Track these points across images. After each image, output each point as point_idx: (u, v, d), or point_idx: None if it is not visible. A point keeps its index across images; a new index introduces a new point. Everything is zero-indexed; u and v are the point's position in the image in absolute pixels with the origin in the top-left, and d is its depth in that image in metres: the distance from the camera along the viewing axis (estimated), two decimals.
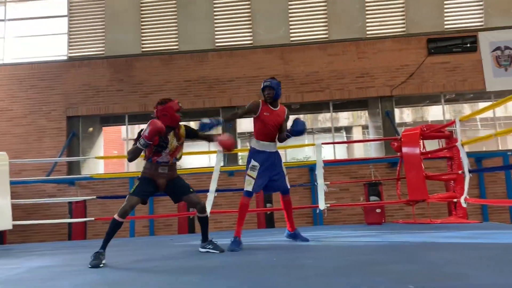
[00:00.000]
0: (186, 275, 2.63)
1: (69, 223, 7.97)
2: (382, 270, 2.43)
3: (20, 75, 11.08)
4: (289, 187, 4.30)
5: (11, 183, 6.51)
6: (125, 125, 11.32)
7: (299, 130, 4.02)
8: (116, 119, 11.61)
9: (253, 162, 4.08)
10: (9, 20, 11.57)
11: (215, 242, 3.83)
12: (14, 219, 6.24)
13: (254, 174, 4.03)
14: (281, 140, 4.23)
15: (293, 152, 14.97)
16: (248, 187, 4.04)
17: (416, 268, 2.43)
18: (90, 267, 3.12)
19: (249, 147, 4.28)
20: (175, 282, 2.42)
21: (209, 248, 3.79)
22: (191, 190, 3.78)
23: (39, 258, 4.28)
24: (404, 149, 6.46)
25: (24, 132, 10.76)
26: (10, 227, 6.16)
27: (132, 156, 3.56)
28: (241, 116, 4.35)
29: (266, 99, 4.18)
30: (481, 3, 10.94)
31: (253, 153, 4.15)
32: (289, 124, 4.29)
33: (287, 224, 4.45)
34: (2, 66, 11.19)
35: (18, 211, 8.70)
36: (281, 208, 4.57)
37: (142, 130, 3.51)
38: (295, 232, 4.42)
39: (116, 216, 3.45)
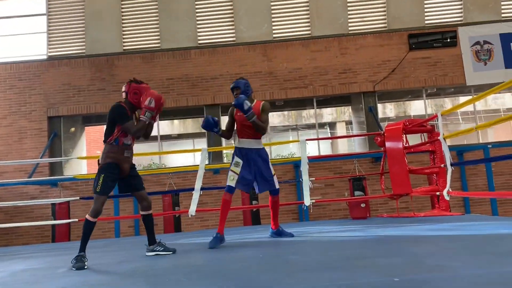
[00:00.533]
0: (173, 274, 2.61)
1: (53, 225, 7.85)
2: (367, 263, 2.45)
3: None
4: (277, 187, 4.32)
5: None
6: None
7: (236, 104, 3.99)
8: (98, 119, 11.46)
9: (236, 159, 4.13)
10: None
11: (164, 244, 3.71)
12: None
13: (238, 169, 4.07)
14: (255, 127, 4.12)
15: (278, 149, 15.00)
16: (231, 182, 4.06)
17: (400, 261, 2.46)
18: (74, 270, 3.09)
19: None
20: (161, 282, 2.40)
21: (158, 251, 3.66)
22: (143, 186, 3.72)
23: (23, 261, 4.21)
24: (388, 144, 6.53)
25: (4, 134, 10.56)
26: None
27: (141, 132, 3.49)
28: (231, 126, 4.36)
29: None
30: None
31: (235, 150, 4.22)
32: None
33: (271, 223, 4.49)
34: None
35: (0, 214, 8.56)
36: (267, 205, 4.58)
37: (123, 109, 3.45)
38: (278, 230, 4.46)
39: (88, 217, 3.38)
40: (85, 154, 11.90)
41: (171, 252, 3.65)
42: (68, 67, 10.87)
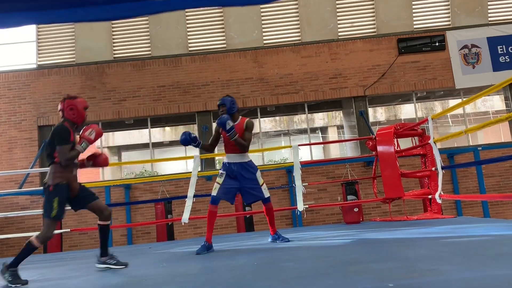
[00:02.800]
0: (166, 284, 2.60)
1: None
2: (362, 269, 2.46)
3: None
4: (266, 196, 4.43)
5: None
6: None
7: (219, 123, 4.17)
8: None
9: (221, 171, 4.35)
10: None
11: (116, 257, 3.59)
12: None
13: (221, 180, 4.27)
14: (238, 146, 4.28)
15: (270, 154, 15.01)
16: (214, 191, 4.25)
17: (394, 266, 2.47)
18: (18, 287, 3.07)
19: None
20: None
21: (110, 264, 3.53)
22: (95, 195, 3.63)
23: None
24: (379, 148, 6.57)
25: None
26: None
27: (72, 161, 3.41)
28: (215, 141, 4.54)
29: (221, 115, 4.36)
30: (447, 3, 11.24)
31: (223, 164, 4.44)
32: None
33: (270, 229, 4.65)
34: None
35: None
36: (261, 212, 4.68)
37: (66, 132, 3.41)
38: (276, 234, 4.60)
39: (35, 241, 3.22)
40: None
41: (123, 267, 3.53)
42: (58, 76, 10.81)
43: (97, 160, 3.75)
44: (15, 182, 10.02)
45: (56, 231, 7.37)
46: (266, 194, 4.43)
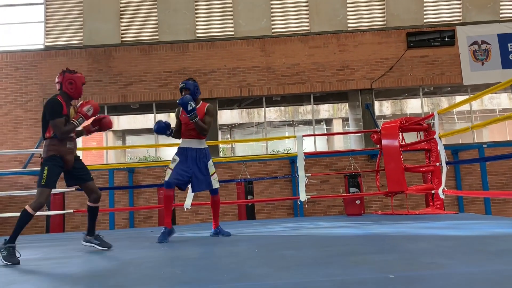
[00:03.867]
0: (168, 267, 2.62)
1: (47, 216, 7.84)
2: (362, 260, 2.47)
3: None
4: (215, 187, 4.33)
5: None
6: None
7: (180, 103, 4.09)
8: None
9: (174, 156, 4.25)
10: None
11: (102, 237, 3.69)
12: None
13: (173, 165, 4.18)
14: (196, 128, 4.21)
15: (273, 144, 15.01)
16: (166, 177, 4.18)
17: (394, 258, 2.48)
18: (9, 264, 3.01)
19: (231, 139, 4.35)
20: (157, 273, 2.41)
21: (95, 244, 3.64)
22: (91, 177, 3.67)
23: (18, 251, 4.19)
24: (384, 142, 6.55)
25: (0, 123, 10.50)
26: None
27: (67, 134, 3.45)
28: (180, 127, 4.39)
29: None
30: None
31: (177, 149, 4.31)
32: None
33: (213, 222, 4.51)
34: None
35: None
36: (263, 200, 4.63)
37: (58, 105, 3.39)
38: (218, 229, 4.48)
39: (29, 209, 3.26)
40: (80, 145, 11.84)
41: (106, 248, 3.60)
42: (65, 57, 10.80)
43: (102, 123, 3.78)
44: (19, 161, 10.08)
45: (59, 212, 7.44)
46: (216, 185, 4.32)
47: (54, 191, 7.81)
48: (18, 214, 3.28)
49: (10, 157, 10.17)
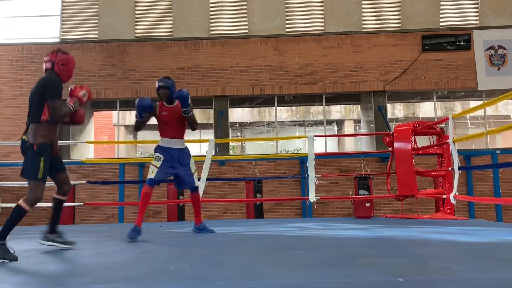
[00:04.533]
0: (177, 262, 2.63)
1: None
2: (371, 262, 2.45)
3: (11, 56, 10.90)
4: (196, 185, 4.39)
5: (0, 165, 6.45)
6: (116, 110, 11.22)
7: (179, 96, 4.08)
8: (107, 104, 11.51)
9: (157, 154, 4.23)
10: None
11: (63, 235, 3.40)
12: (2, 202, 6.20)
13: (158, 163, 4.16)
14: (190, 124, 4.29)
15: (283, 144, 15.00)
16: (151, 174, 4.15)
17: (404, 262, 2.46)
18: (7, 261, 2.75)
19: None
20: (166, 268, 2.42)
21: (57, 242, 3.33)
22: (65, 167, 3.44)
23: (28, 241, 4.23)
24: (396, 145, 6.50)
25: (14, 114, 10.62)
26: None
27: (65, 117, 3.25)
28: (144, 123, 4.32)
29: (161, 98, 4.27)
30: (477, 1, 10.97)
31: (157, 148, 4.28)
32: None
33: (195, 218, 4.58)
34: None
35: (6, 194, 8.63)
36: (272, 199, 4.62)
37: (58, 84, 3.20)
38: (201, 225, 4.55)
39: (24, 204, 2.96)
40: (92, 139, 11.96)
41: (70, 246, 3.35)
42: (80, 51, 10.89)
43: (75, 117, 3.44)
44: None
45: (69, 204, 7.51)
46: (196, 183, 4.40)
47: None
48: None
49: None
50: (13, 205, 6.92)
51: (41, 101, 3.14)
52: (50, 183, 3.28)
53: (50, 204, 3.41)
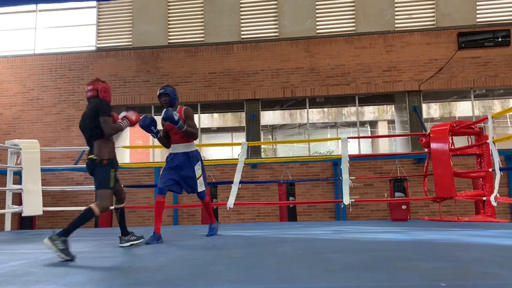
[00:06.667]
0: (213, 265, 2.66)
1: None
2: (410, 266, 2.40)
3: (50, 65, 11.34)
4: (200, 190, 4.40)
5: (41, 170, 6.70)
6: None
7: (165, 118, 4.15)
8: (142, 110, 11.75)
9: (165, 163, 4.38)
10: (40, 11, 11.83)
11: (134, 233, 3.95)
12: (43, 205, 6.44)
13: (164, 172, 4.31)
14: (188, 136, 4.34)
15: (315, 146, 14.89)
16: (159, 184, 4.30)
17: (445, 266, 2.39)
18: (65, 258, 2.91)
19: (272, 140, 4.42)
20: (203, 271, 2.45)
21: (133, 240, 3.87)
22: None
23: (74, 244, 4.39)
24: (433, 145, 6.34)
25: (53, 121, 11.04)
26: (41, 213, 6.37)
27: (114, 133, 3.62)
28: (166, 137, 4.49)
29: (162, 105, 4.37)
30: None
31: (167, 156, 4.44)
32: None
33: (209, 220, 4.71)
34: (34, 56, 11.47)
35: (47, 198, 8.96)
36: (305, 202, 4.62)
37: (110, 105, 3.65)
38: (214, 224, 4.67)
39: (96, 209, 3.30)
40: (128, 144, 12.25)
41: (142, 240, 3.93)
42: (115, 58, 11.20)
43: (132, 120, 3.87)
44: (71, 158, 10.55)
45: None
46: (201, 188, 4.40)
47: None
48: (68, 208, 3.42)
49: (63, 154, 10.66)
50: (54, 208, 7.16)
51: (95, 122, 3.57)
52: (87, 187, 3.46)
53: (85, 208, 3.58)
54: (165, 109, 4.19)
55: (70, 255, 2.94)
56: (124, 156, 11.57)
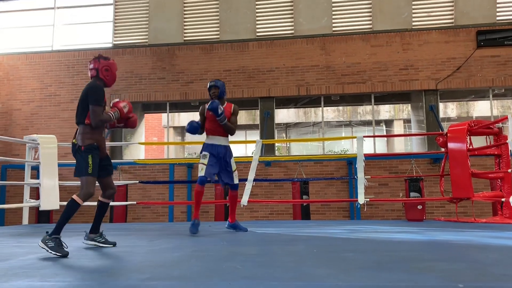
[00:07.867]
0: (228, 261, 2.66)
1: (111, 206, 8.24)
2: (427, 267, 2.37)
3: (67, 61, 11.48)
4: (235, 182, 4.63)
5: (58, 165, 6.79)
6: (166, 112, 11.54)
7: (210, 108, 4.39)
8: (157, 107, 11.86)
9: (203, 152, 4.50)
10: (58, 8, 11.99)
11: (105, 236, 3.51)
12: (60, 200, 6.53)
13: (205, 161, 4.43)
14: (226, 130, 4.57)
15: (329, 145, 14.82)
16: (201, 172, 4.40)
17: (462, 267, 2.36)
18: (58, 256, 2.86)
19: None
20: (218, 267, 2.45)
21: (99, 242, 3.46)
22: (112, 171, 3.57)
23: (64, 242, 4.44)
24: (450, 145, 6.25)
25: (70, 117, 11.16)
26: (57, 207, 6.45)
27: (102, 124, 3.36)
28: (203, 123, 4.73)
29: (211, 97, 4.57)
30: None
31: (204, 146, 4.60)
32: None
33: (229, 216, 4.82)
34: (51, 52, 11.63)
35: (63, 193, 9.07)
36: (318, 201, 4.61)
37: (102, 92, 3.32)
38: (235, 223, 4.78)
39: (77, 198, 3.14)
40: (143, 141, 12.36)
41: (111, 246, 3.46)
42: (131, 55, 11.29)
43: (128, 122, 3.71)
44: None
45: (122, 203, 7.79)
46: (236, 180, 4.64)
47: (118, 183, 8.21)
48: (85, 203, 3.21)
49: None
50: None
51: (86, 106, 3.31)
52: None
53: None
54: (211, 100, 4.42)
55: (63, 252, 2.88)
56: (139, 153, 11.67)
